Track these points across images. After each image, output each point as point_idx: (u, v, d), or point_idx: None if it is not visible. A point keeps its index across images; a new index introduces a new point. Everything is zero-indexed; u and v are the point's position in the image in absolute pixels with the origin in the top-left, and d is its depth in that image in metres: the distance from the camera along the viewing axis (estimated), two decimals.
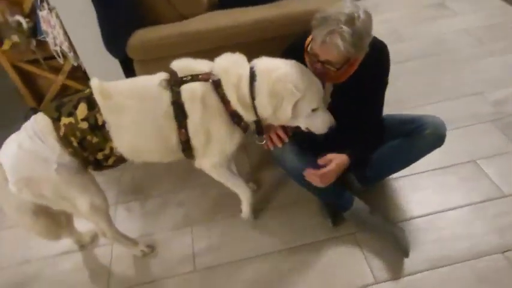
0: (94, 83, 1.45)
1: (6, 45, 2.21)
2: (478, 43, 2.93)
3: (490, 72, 2.63)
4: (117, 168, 2.21)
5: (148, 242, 1.86)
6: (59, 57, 2.15)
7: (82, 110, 1.41)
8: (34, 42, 2.15)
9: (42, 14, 1.98)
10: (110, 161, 1.53)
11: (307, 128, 1.53)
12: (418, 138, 1.65)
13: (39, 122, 1.42)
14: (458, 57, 2.82)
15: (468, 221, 1.77)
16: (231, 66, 1.47)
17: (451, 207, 1.84)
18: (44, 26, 2.03)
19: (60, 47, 2.08)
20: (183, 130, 1.47)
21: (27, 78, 2.45)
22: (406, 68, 2.78)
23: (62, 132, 1.40)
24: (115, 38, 1.85)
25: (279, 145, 1.65)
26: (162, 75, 1.49)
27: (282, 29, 1.88)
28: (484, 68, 2.67)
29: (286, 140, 1.65)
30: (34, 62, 2.36)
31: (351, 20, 1.33)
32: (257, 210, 1.92)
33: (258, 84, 1.43)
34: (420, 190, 1.94)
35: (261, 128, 1.56)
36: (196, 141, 1.51)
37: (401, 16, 3.39)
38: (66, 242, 1.89)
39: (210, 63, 1.51)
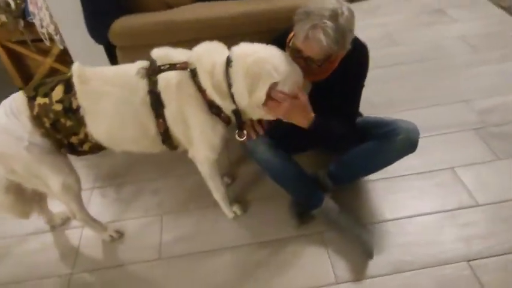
0: (75, 66, 1.45)
1: None
2: (473, 51, 2.90)
3: (481, 80, 2.60)
4: (98, 154, 2.29)
5: (118, 227, 1.88)
6: (46, 39, 2.17)
7: (58, 92, 1.42)
8: (22, 23, 2.17)
9: None
10: (86, 147, 1.53)
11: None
12: (389, 142, 1.63)
13: (16, 100, 1.44)
14: (451, 64, 2.79)
15: (437, 227, 1.76)
16: (206, 54, 1.45)
17: (423, 212, 1.83)
18: (31, 7, 2.05)
19: (47, 29, 2.09)
20: (161, 120, 1.46)
21: (16, 59, 2.48)
22: (397, 72, 2.77)
23: (35, 112, 1.41)
24: (97, 22, 1.86)
25: (253, 137, 1.64)
26: (141, 64, 1.49)
27: (265, 23, 1.88)
28: (476, 76, 2.64)
29: (261, 132, 1.64)
30: (23, 43, 2.38)
31: (334, 16, 1.32)
32: (231, 203, 1.91)
33: (233, 69, 1.39)
34: (394, 194, 1.93)
35: (240, 120, 1.53)
36: (176, 131, 1.51)
37: (398, 20, 3.36)
38: (38, 222, 1.91)
39: (189, 52, 1.50)
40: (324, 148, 2.07)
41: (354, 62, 1.56)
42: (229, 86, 1.41)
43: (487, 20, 3.25)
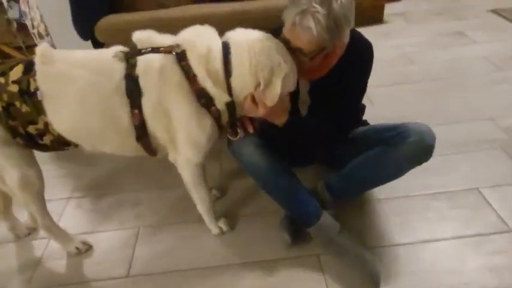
0: (40, 46, 1.28)
1: None
2: (495, 69, 2.67)
3: (504, 98, 2.35)
4: (79, 163, 2.14)
5: (87, 240, 1.65)
6: (36, 39, 2.10)
7: (17, 71, 1.24)
8: (15, 24, 2.12)
9: None
10: (47, 140, 1.33)
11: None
12: (398, 146, 1.38)
13: None
14: (471, 82, 2.56)
15: (458, 255, 1.46)
16: (198, 36, 1.28)
17: (440, 237, 1.53)
18: (22, 7, 2.00)
19: (38, 29, 2.02)
20: (136, 111, 1.25)
21: None
22: (413, 89, 2.55)
23: None
24: (83, 17, 1.77)
25: (241, 135, 1.44)
26: (120, 48, 1.31)
27: (259, 21, 1.72)
28: (499, 94, 2.39)
29: (251, 130, 1.43)
30: (18, 49, 2.32)
31: (327, 1, 1.15)
32: (217, 218, 1.67)
33: (233, 58, 1.24)
34: (407, 215, 1.65)
35: (235, 114, 1.33)
36: (155, 126, 1.29)
37: (415, 42, 3.18)
38: (1, 231, 1.72)
39: (175, 37, 1.32)
40: (326, 162, 1.83)
41: (355, 58, 1.38)
42: (228, 74, 1.25)
43: (508, 41, 3.04)
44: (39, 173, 1.41)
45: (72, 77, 1.25)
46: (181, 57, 1.24)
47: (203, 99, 1.26)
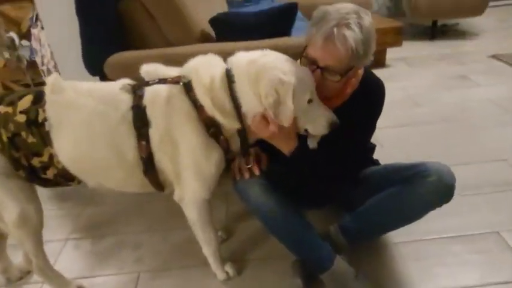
0: (51, 76, 1.27)
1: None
2: (503, 111, 2.65)
3: None
4: (79, 202, 2.06)
5: (84, 284, 1.54)
6: (45, 76, 2.10)
7: (26, 101, 1.22)
8: (25, 62, 2.14)
9: (34, 31, 1.98)
10: (50, 174, 1.27)
11: (305, 131, 1.28)
12: (416, 186, 1.33)
13: None
14: (481, 124, 2.53)
15: None
16: (202, 66, 1.26)
17: (462, 285, 1.43)
18: (34, 44, 2.02)
19: (47, 66, 2.03)
20: (144, 142, 1.21)
21: None
22: (421, 130, 2.52)
23: None
24: (93, 54, 1.78)
25: (247, 176, 1.38)
26: (128, 81, 1.30)
27: None
28: (509, 136, 2.36)
29: (257, 172, 1.38)
30: (26, 86, 2.33)
31: (358, 16, 1.18)
32: (223, 262, 1.57)
33: (238, 85, 1.20)
34: (425, 260, 1.55)
35: (246, 141, 1.28)
36: (161, 158, 1.25)
37: (419, 85, 3.21)
38: None
39: (181, 68, 1.30)
40: (337, 203, 1.75)
41: (367, 94, 1.37)
42: (235, 102, 1.21)
43: (511, 85, 3.06)
44: (39, 208, 1.34)
45: (79, 105, 1.23)
46: (189, 88, 1.22)
47: (212, 128, 1.23)
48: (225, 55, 1.35)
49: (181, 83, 1.23)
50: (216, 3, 3.16)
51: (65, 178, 1.30)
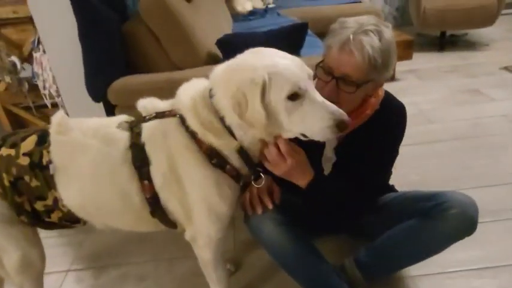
0: (57, 114, 1.19)
1: (1, 87, 2.17)
2: None
3: None
4: (81, 230, 1.97)
5: None
6: (47, 99, 2.06)
7: (29, 142, 1.14)
8: (26, 86, 2.09)
9: (36, 55, 1.94)
10: (55, 217, 1.19)
11: (303, 135, 1.06)
12: (437, 219, 1.25)
13: None
14: (497, 142, 2.44)
15: None
16: (182, 92, 1.16)
17: None
18: (35, 68, 1.98)
19: (49, 90, 1.98)
20: (146, 182, 1.12)
21: (17, 124, 2.36)
22: (435, 149, 2.43)
23: None
24: (96, 79, 1.72)
25: (259, 212, 1.30)
26: (125, 117, 1.22)
27: None
28: None
29: (270, 206, 1.30)
30: (27, 108, 2.28)
31: (377, 28, 1.14)
32: None
33: (216, 97, 1.06)
34: None
35: (250, 159, 1.13)
36: (168, 198, 1.15)
37: (432, 100, 3.12)
38: None
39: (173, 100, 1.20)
40: (352, 232, 1.67)
41: (385, 120, 1.29)
42: (220, 117, 1.07)
43: None
44: (42, 253, 1.27)
45: (84, 147, 1.14)
46: (183, 119, 1.11)
47: (214, 158, 1.10)
48: None
49: (178, 115, 1.13)
50: (222, 18, 3.12)
51: (70, 221, 1.22)
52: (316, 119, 1.00)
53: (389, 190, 1.56)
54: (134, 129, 1.15)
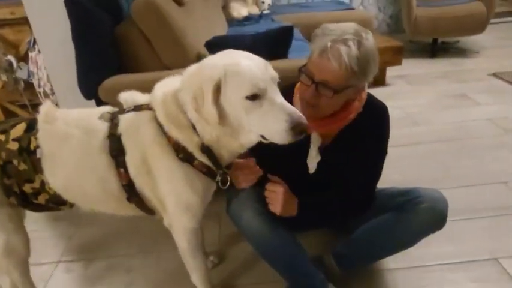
0: (45, 105, 1.27)
1: None
2: (502, 132, 2.62)
3: None
4: (72, 223, 2.05)
5: None
6: (42, 98, 2.12)
7: (18, 129, 1.22)
8: (22, 84, 2.16)
9: (32, 55, 2.01)
10: (42, 199, 1.26)
11: (262, 137, 1.06)
12: (409, 213, 1.32)
13: None
14: (480, 144, 2.50)
15: None
16: (158, 87, 1.21)
17: None
18: (31, 67, 2.05)
19: (44, 88, 2.05)
20: (122, 170, 1.19)
21: None
22: (419, 150, 2.50)
23: None
24: (88, 78, 1.79)
25: (246, 185, 1.32)
26: (108, 108, 1.29)
27: None
28: (509, 158, 2.33)
29: (254, 180, 1.31)
30: (23, 106, 2.35)
31: (357, 36, 1.16)
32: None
33: (182, 92, 1.11)
34: (421, 287, 1.51)
35: (214, 158, 1.16)
36: (141, 186, 1.22)
37: (418, 104, 3.19)
38: None
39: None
40: (333, 227, 1.73)
41: (368, 122, 1.32)
42: (186, 113, 1.12)
43: (511, 104, 3.04)
44: (25, 240, 1.33)
45: (67, 135, 1.22)
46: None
47: (181, 153, 1.15)
48: None
49: (153, 110, 1.19)
50: (217, 23, 3.19)
51: (56, 203, 1.29)
52: (273, 121, 1.01)
53: None
54: (114, 120, 1.22)
